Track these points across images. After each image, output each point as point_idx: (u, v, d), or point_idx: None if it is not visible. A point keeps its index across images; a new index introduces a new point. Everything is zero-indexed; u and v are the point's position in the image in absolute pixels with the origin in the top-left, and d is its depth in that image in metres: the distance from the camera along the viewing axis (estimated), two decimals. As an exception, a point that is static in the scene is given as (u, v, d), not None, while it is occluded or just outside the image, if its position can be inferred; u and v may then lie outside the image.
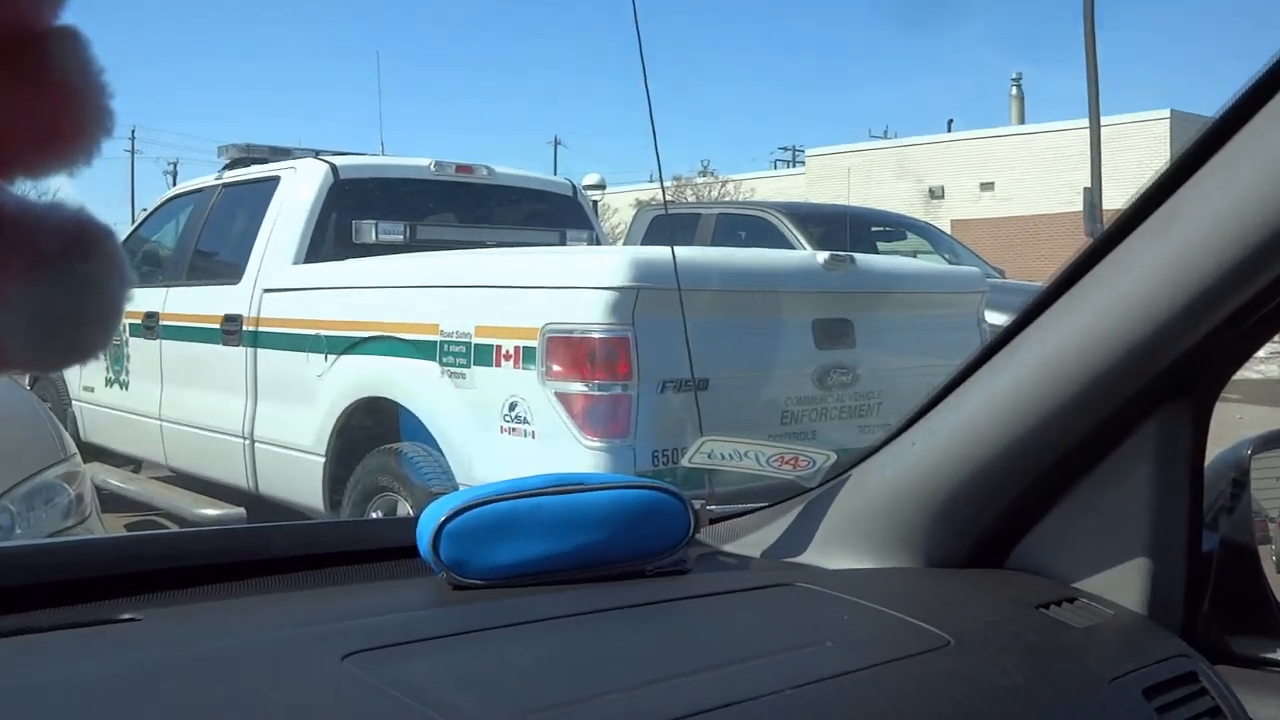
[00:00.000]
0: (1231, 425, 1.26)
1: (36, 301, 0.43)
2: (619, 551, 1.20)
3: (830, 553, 1.28)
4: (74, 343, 0.44)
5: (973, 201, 30.58)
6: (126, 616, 1.01)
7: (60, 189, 0.45)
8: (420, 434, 4.22)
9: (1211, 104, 0.97)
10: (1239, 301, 1.01)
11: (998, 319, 5.26)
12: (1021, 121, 34.19)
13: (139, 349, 5.95)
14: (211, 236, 5.96)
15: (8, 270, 0.43)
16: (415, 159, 5.84)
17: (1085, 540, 1.22)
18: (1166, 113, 27.60)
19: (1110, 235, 1.05)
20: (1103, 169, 15.97)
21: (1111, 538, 1.20)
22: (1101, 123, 16.16)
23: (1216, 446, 1.20)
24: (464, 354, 4.07)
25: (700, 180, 35.23)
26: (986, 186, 30.51)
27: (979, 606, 1.16)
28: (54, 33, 0.43)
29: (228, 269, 5.48)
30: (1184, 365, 1.10)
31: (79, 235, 0.44)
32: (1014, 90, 36.50)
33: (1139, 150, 26.67)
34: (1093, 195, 14.74)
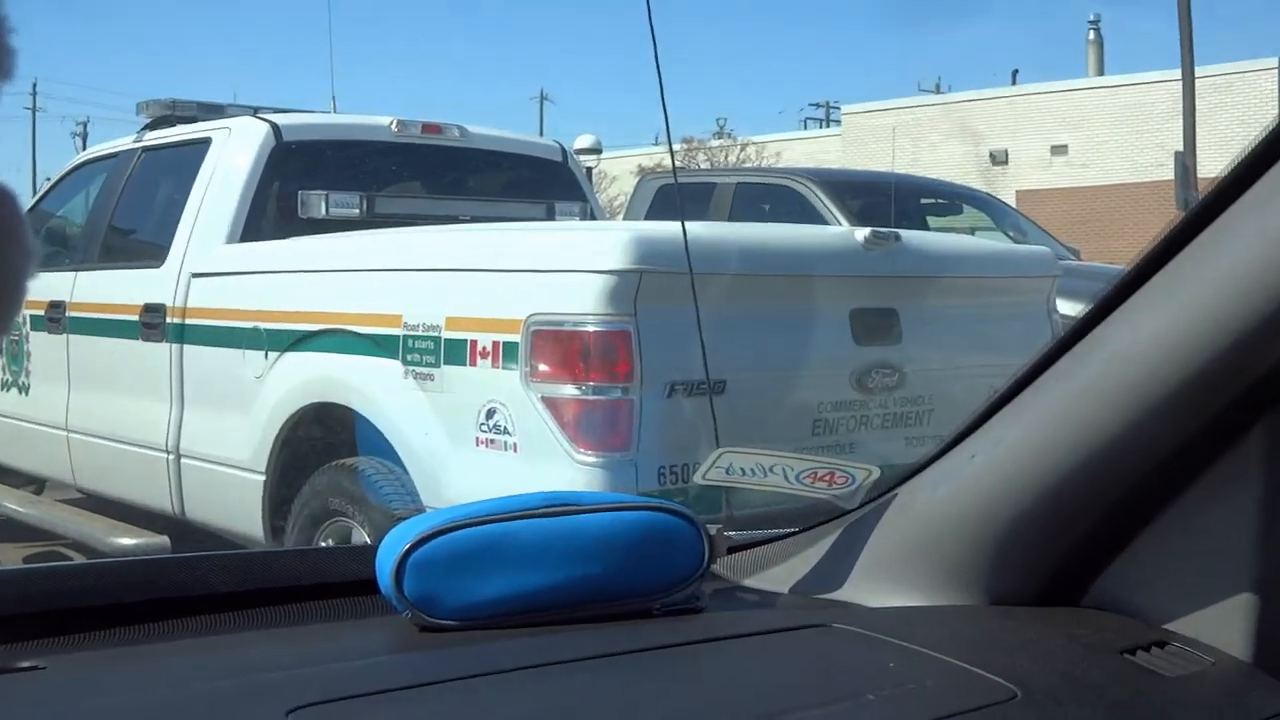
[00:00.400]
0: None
1: None
2: (619, 586, 1.20)
3: (873, 587, 1.28)
4: None
5: (1042, 168, 30.58)
6: (27, 664, 1.01)
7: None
8: (380, 447, 4.22)
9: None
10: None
11: (1072, 309, 5.25)
12: (1101, 73, 34.18)
13: (42, 345, 5.95)
14: (129, 210, 5.96)
15: None
16: (374, 117, 5.84)
17: (1179, 572, 1.22)
18: (1274, 62, 27.58)
19: (1207, 207, 1.05)
20: (1198, 129, 15.96)
21: (1211, 569, 1.19)
22: (1196, 73, 16.17)
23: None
24: (432, 351, 4.07)
25: (715, 143, 35.26)
26: (1058, 150, 30.51)
27: (1052, 652, 1.15)
28: None
29: (149, 250, 5.47)
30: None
31: None
32: (1091, 35, 36.53)
33: (1242, 106, 26.67)
34: (1186, 160, 14.76)
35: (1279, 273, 1.00)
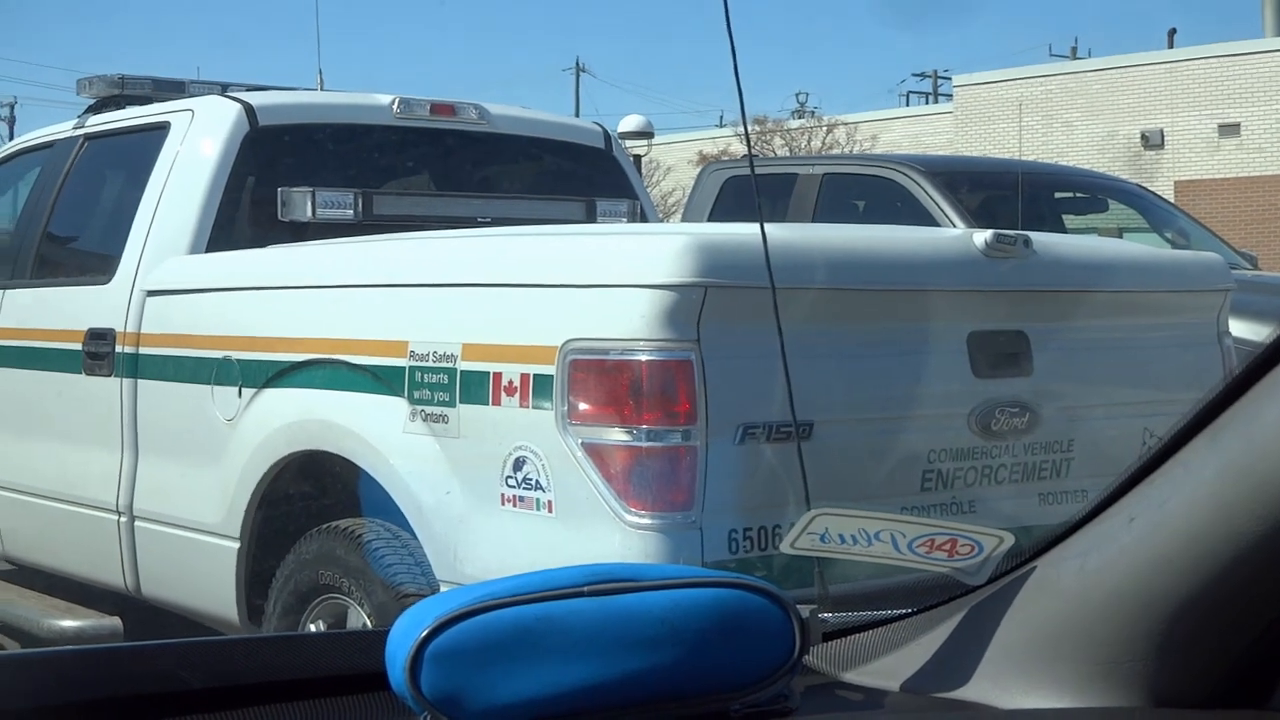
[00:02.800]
0: None
1: None
2: (687, 682, 1.21)
3: (1006, 684, 1.28)
4: None
5: (1208, 153, 30.39)
6: None
7: None
8: (383, 506, 4.23)
9: None
10: None
11: (1250, 331, 5.21)
12: (1282, 32, 33.96)
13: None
14: (69, 213, 6.01)
15: None
16: (371, 95, 5.89)
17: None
18: None
19: None
20: None
21: None
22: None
23: None
24: (446, 386, 4.08)
25: (796, 124, 35.35)
26: (1228, 130, 30.31)
27: (1236, 767, 1.15)
28: None
29: (93, 262, 5.53)
30: None
31: None
32: (1268, -13, 36.28)
33: None
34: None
35: None
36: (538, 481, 3.84)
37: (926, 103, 44.75)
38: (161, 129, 5.53)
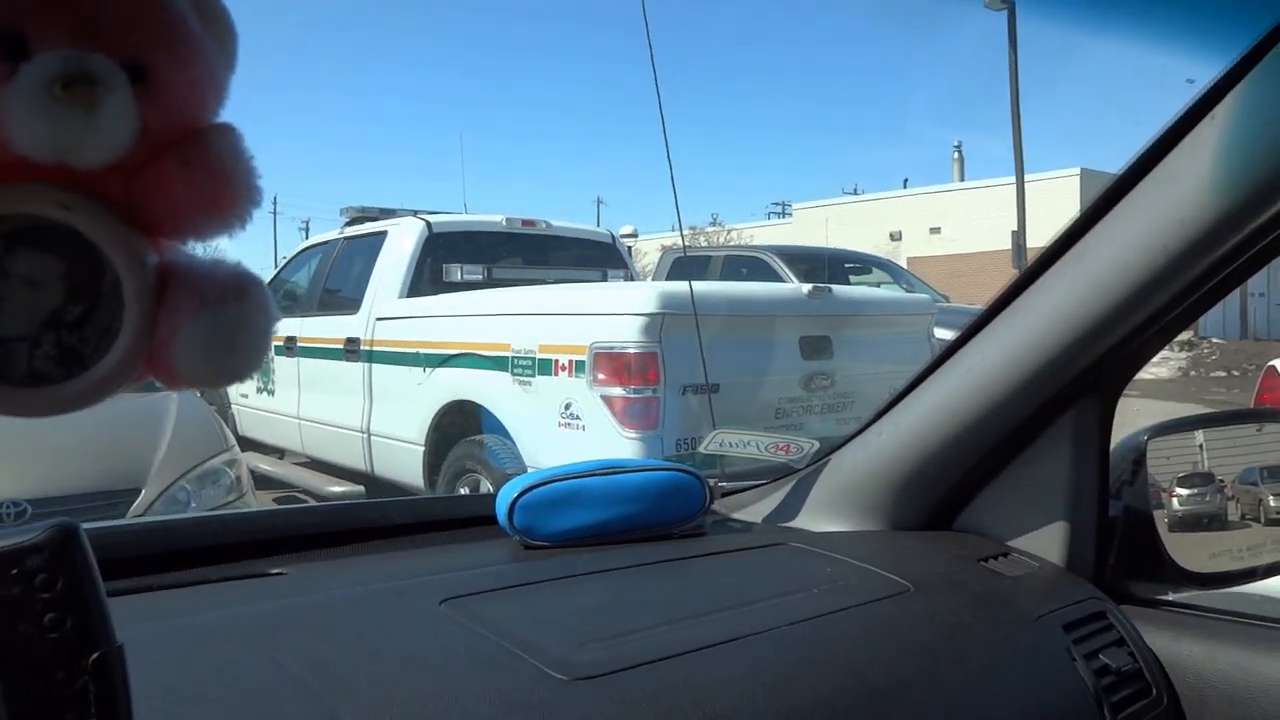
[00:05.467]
0: (1131, 416, 1.24)
1: (202, 334, 0.43)
2: (651, 519, 1.20)
3: (816, 519, 1.27)
4: (230, 366, 0.45)
5: (925, 243, 30.34)
6: (275, 571, 1.02)
7: (220, 245, 0.46)
8: (497, 428, 4.23)
9: (1115, 163, 0.97)
10: (1134, 321, 1.00)
11: (945, 334, 5.21)
12: (962, 179, 33.86)
13: (281, 365, 5.99)
14: (336, 277, 6.00)
15: (180, 311, 0.43)
16: (491, 215, 5.86)
17: (1016, 507, 1.20)
18: (1077, 170, 27.29)
19: (1034, 269, 1.05)
20: (1026, 216, 15.83)
21: (1037, 505, 1.18)
22: (1025, 179, 16.02)
23: (1121, 432, 1.19)
24: (530, 366, 4.08)
25: (711, 229, 35.12)
26: (935, 231, 30.27)
27: (933, 560, 1.14)
28: (214, 128, 0.44)
29: (349, 302, 5.51)
30: (1094, 369, 1.08)
31: (235, 284, 0.45)
32: (956, 155, 36.09)
33: (1056, 201, 26.34)
34: (1019, 237, 14.64)
35: (1080, 312, 1.00)
36: (578, 415, 3.84)
37: (780, 218, 44.46)
38: (383, 234, 5.51)
